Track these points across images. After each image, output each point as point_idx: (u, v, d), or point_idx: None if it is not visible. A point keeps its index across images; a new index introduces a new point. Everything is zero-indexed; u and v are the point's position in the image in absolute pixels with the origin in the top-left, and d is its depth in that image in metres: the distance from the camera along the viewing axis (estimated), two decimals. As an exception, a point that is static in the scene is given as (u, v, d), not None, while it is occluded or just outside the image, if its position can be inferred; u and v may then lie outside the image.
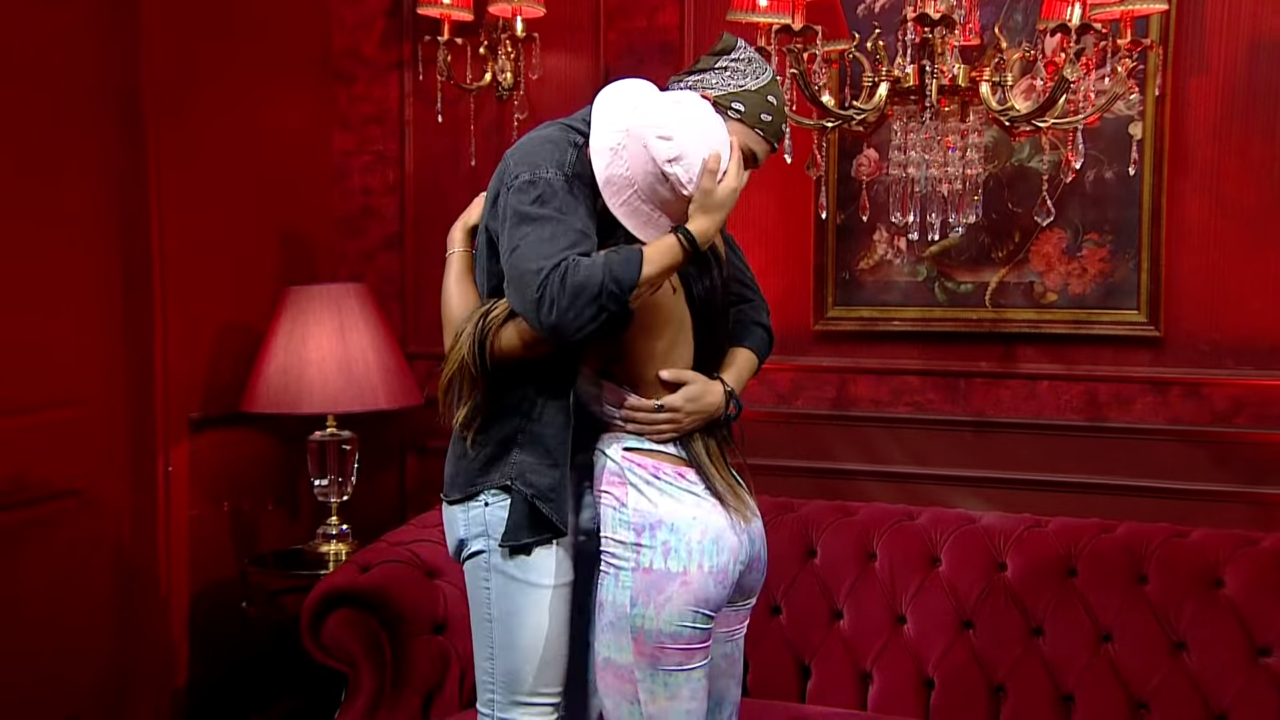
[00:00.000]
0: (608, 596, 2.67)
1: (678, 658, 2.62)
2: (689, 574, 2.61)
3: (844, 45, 3.39)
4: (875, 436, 4.16)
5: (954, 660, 3.63)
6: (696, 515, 2.64)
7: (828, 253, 4.15)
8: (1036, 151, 3.87)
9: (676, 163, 2.55)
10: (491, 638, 2.77)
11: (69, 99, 3.84)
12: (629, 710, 2.66)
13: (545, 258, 2.49)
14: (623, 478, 2.69)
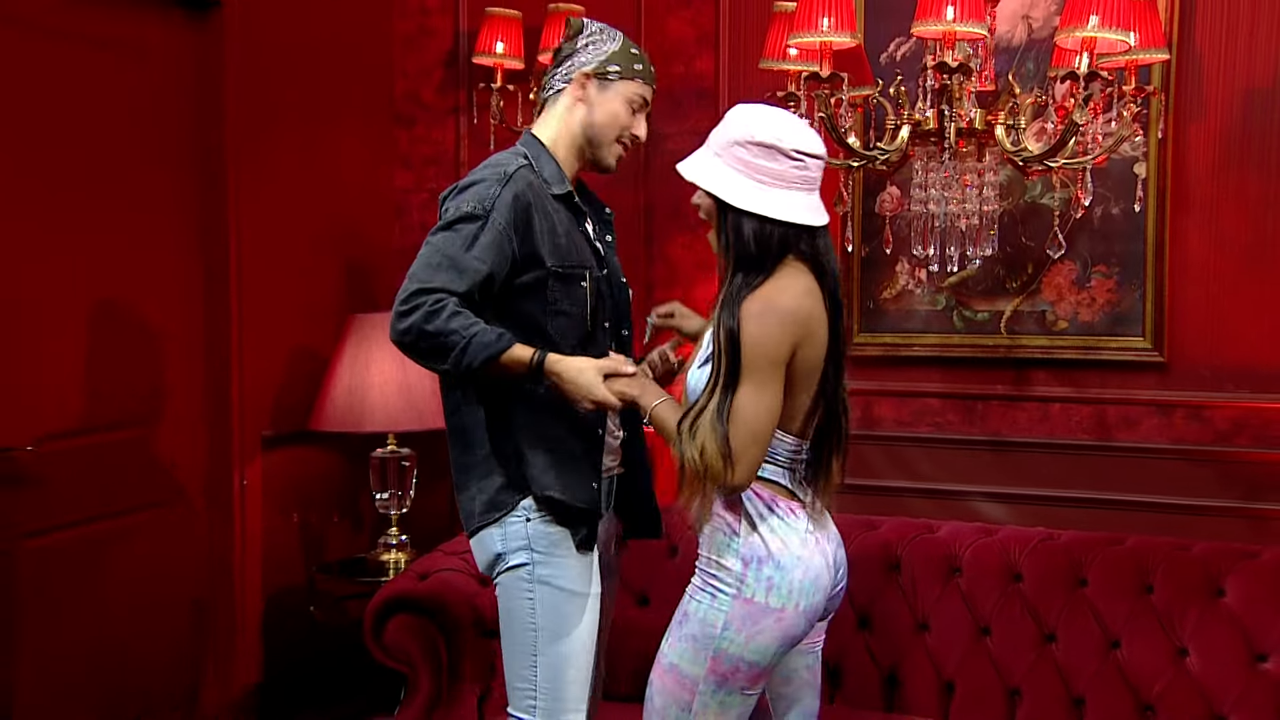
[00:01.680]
0: (698, 612, 2.62)
1: (745, 682, 2.60)
2: (785, 611, 2.57)
3: (868, 91, 3.42)
4: (898, 455, 4.17)
5: (972, 665, 3.63)
6: (801, 555, 2.58)
7: (853, 283, 4.17)
8: (1048, 189, 3.88)
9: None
10: (535, 647, 2.77)
11: (159, 144, 3.91)
12: (677, 715, 2.63)
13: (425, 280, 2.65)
14: (739, 506, 2.60)
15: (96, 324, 3.73)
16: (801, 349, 2.52)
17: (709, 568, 2.64)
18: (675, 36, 4.37)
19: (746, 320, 2.49)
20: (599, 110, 2.89)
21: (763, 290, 2.52)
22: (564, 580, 2.79)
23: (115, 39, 3.77)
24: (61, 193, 3.62)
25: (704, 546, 2.65)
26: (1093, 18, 2.83)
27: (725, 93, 4.29)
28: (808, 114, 3.28)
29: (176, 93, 3.96)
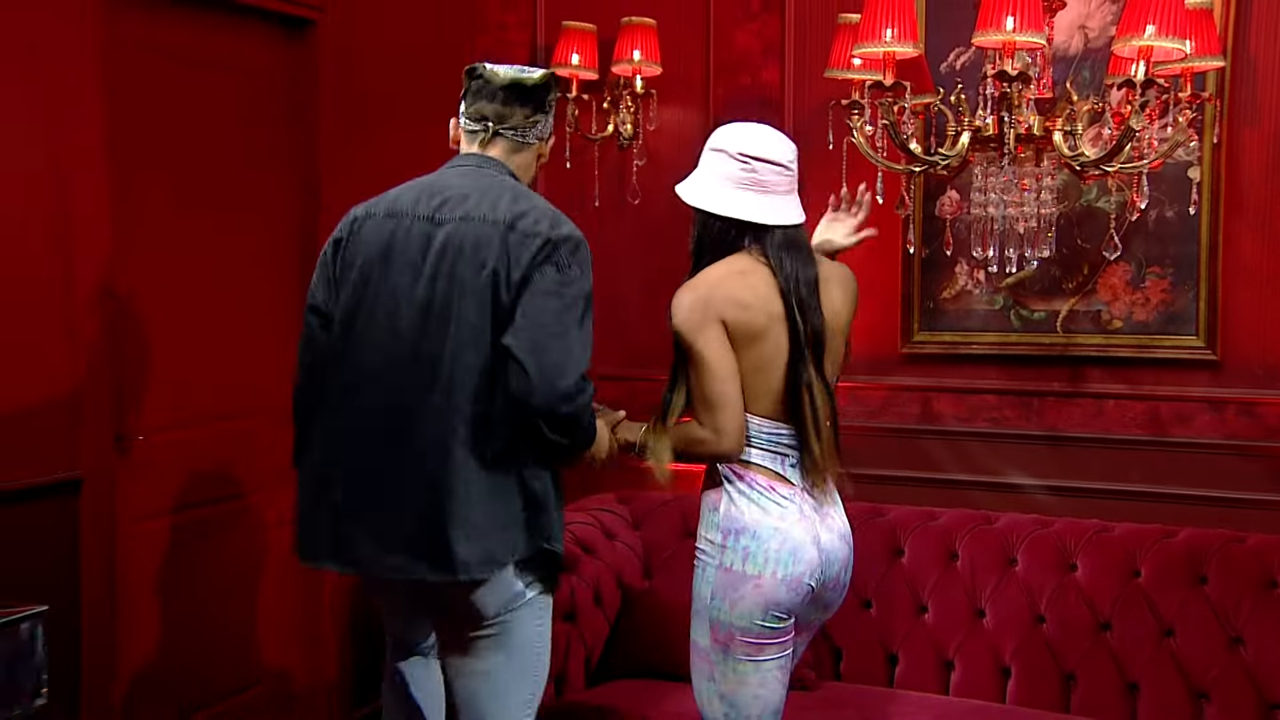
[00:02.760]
0: (695, 588, 2.73)
1: (746, 649, 2.66)
2: (762, 578, 2.62)
3: (930, 99, 3.41)
4: (956, 449, 4.15)
5: (1029, 651, 3.61)
6: (779, 526, 2.64)
7: (914, 283, 4.16)
8: (1103, 193, 3.86)
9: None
10: (539, 665, 2.74)
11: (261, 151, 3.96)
12: (707, 686, 2.73)
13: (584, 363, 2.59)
14: (720, 484, 2.72)
15: (205, 321, 3.79)
16: (730, 321, 2.63)
17: (699, 544, 2.76)
18: (742, 48, 4.37)
19: (671, 308, 2.67)
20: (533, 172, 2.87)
21: (690, 280, 2.71)
22: (554, 598, 2.79)
23: (225, 59, 3.85)
24: (180, 200, 3.70)
25: (699, 525, 2.78)
26: (1150, 27, 2.80)
27: (790, 102, 4.29)
28: (871, 121, 3.27)
29: (276, 103, 4.02)
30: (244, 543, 3.94)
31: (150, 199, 3.59)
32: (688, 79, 4.45)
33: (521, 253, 2.56)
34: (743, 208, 2.70)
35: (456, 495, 2.54)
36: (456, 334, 2.56)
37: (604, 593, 3.82)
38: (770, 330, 2.65)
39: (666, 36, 4.32)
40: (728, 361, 2.63)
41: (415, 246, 2.63)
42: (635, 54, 4.24)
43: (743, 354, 2.65)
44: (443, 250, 2.60)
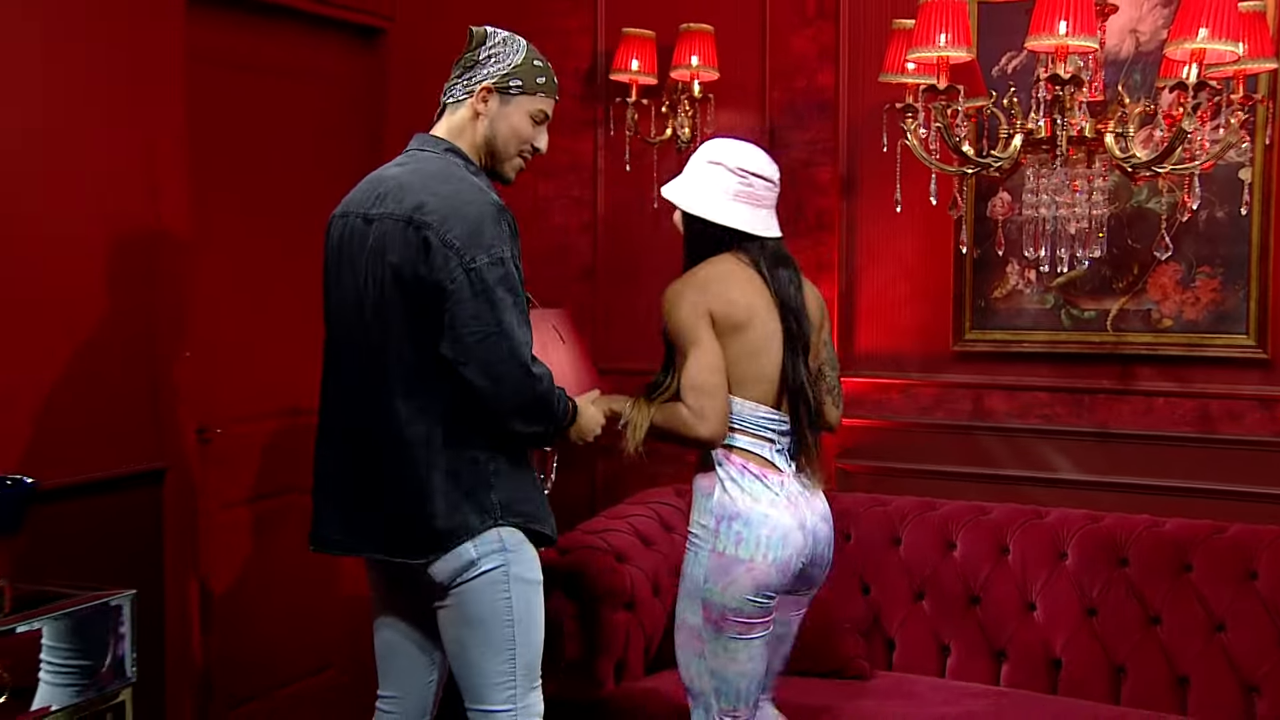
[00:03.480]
0: (687, 569, 2.87)
1: (738, 628, 2.79)
2: (754, 563, 2.76)
3: (982, 102, 3.41)
4: (1008, 445, 4.14)
5: (1079, 643, 3.60)
6: (769, 513, 2.78)
7: (965, 283, 4.16)
8: (1154, 194, 3.84)
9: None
10: (513, 639, 2.71)
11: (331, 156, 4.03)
12: (696, 663, 2.87)
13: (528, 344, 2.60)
14: (714, 471, 2.83)
15: (277, 319, 3.86)
16: (718, 312, 2.78)
17: (692, 528, 2.87)
18: (798, 52, 4.38)
19: (665, 301, 2.84)
20: (500, 124, 2.75)
21: (673, 282, 2.87)
22: (531, 572, 2.75)
23: (298, 68, 3.92)
24: (254, 202, 3.77)
25: (691, 512, 2.89)
26: (1202, 30, 2.79)
27: (845, 105, 4.31)
28: (925, 124, 3.28)
29: (347, 110, 4.09)
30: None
31: (227, 201, 3.67)
32: (744, 83, 4.47)
33: (418, 249, 2.58)
34: (738, 218, 2.87)
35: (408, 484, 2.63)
36: (388, 332, 2.63)
37: (662, 583, 3.85)
38: (753, 322, 2.82)
39: (724, 42, 4.35)
40: (715, 353, 2.78)
41: (357, 245, 2.69)
42: (693, 59, 4.26)
43: (730, 342, 2.80)
44: (373, 249, 2.65)
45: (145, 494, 3.33)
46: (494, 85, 2.73)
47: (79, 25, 3.14)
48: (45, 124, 3.08)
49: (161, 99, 3.34)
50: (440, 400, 2.62)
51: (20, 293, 3.01)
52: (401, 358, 2.63)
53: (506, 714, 2.74)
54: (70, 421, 3.13)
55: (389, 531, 2.68)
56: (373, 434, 2.67)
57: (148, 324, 3.33)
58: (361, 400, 2.69)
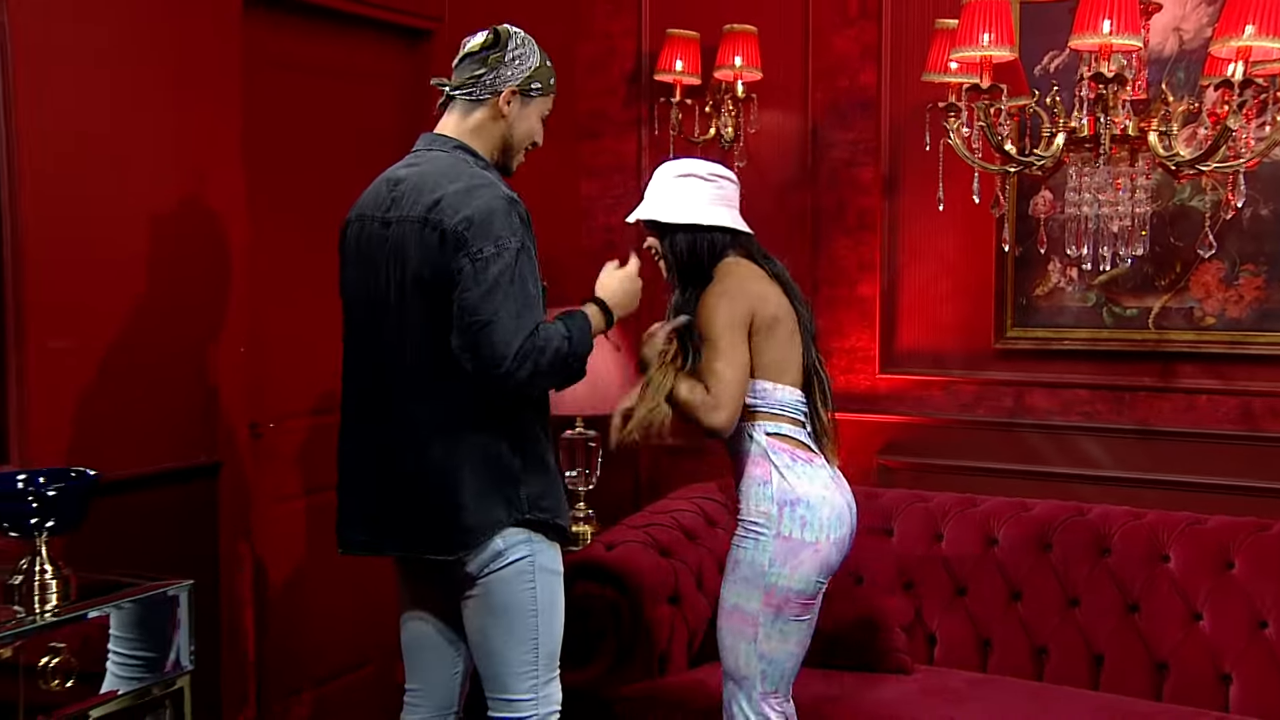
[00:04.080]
0: (745, 556, 2.89)
1: (798, 609, 2.88)
2: (820, 544, 2.85)
3: (1025, 101, 3.38)
4: (1049, 442, 4.11)
5: (1121, 639, 3.57)
6: (826, 495, 2.88)
7: (1007, 281, 4.13)
8: (1196, 192, 3.80)
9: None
10: (536, 629, 2.73)
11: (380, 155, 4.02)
12: (746, 648, 2.90)
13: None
14: (767, 459, 2.88)
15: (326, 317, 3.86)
16: (756, 313, 2.88)
17: (749, 517, 2.90)
18: (840, 52, 4.37)
19: (704, 306, 2.88)
20: (519, 125, 2.79)
21: (712, 287, 2.90)
22: (556, 562, 2.77)
23: (350, 69, 3.95)
24: (305, 201, 3.80)
25: (742, 503, 2.92)
26: (1249, 27, 2.75)
27: (887, 104, 4.29)
28: (968, 123, 3.26)
29: (396, 109, 4.11)
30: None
31: (279, 200, 3.70)
32: (787, 83, 4.46)
33: (436, 248, 2.59)
34: (725, 219, 2.97)
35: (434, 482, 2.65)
36: (407, 334, 2.66)
37: (705, 577, 3.85)
38: (781, 315, 2.92)
39: (767, 42, 4.34)
40: (745, 355, 2.87)
41: (375, 248, 2.71)
42: (736, 60, 4.26)
43: (769, 336, 2.90)
44: (391, 252, 2.67)
45: (201, 487, 3.36)
46: (518, 88, 2.76)
47: (140, 28, 3.18)
48: (109, 125, 3.11)
49: (218, 99, 3.38)
50: (462, 398, 2.63)
51: (84, 291, 3.05)
52: (422, 359, 2.65)
53: (528, 703, 2.77)
54: (130, 416, 3.17)
55: (417, 530, 2.70)
56: (394, 436, 2.69)
57: (203, 321, 3.37)
58: (380, 402, 2.72)
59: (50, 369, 2.96)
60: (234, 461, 3.44)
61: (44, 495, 2.58)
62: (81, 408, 3.04)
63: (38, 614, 2.51)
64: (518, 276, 2.56)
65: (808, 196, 4.45)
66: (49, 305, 2.96)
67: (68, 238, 3.01)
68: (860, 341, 4.38)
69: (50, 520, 2.58)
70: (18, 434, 2.90)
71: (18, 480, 2.68)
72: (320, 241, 3.84)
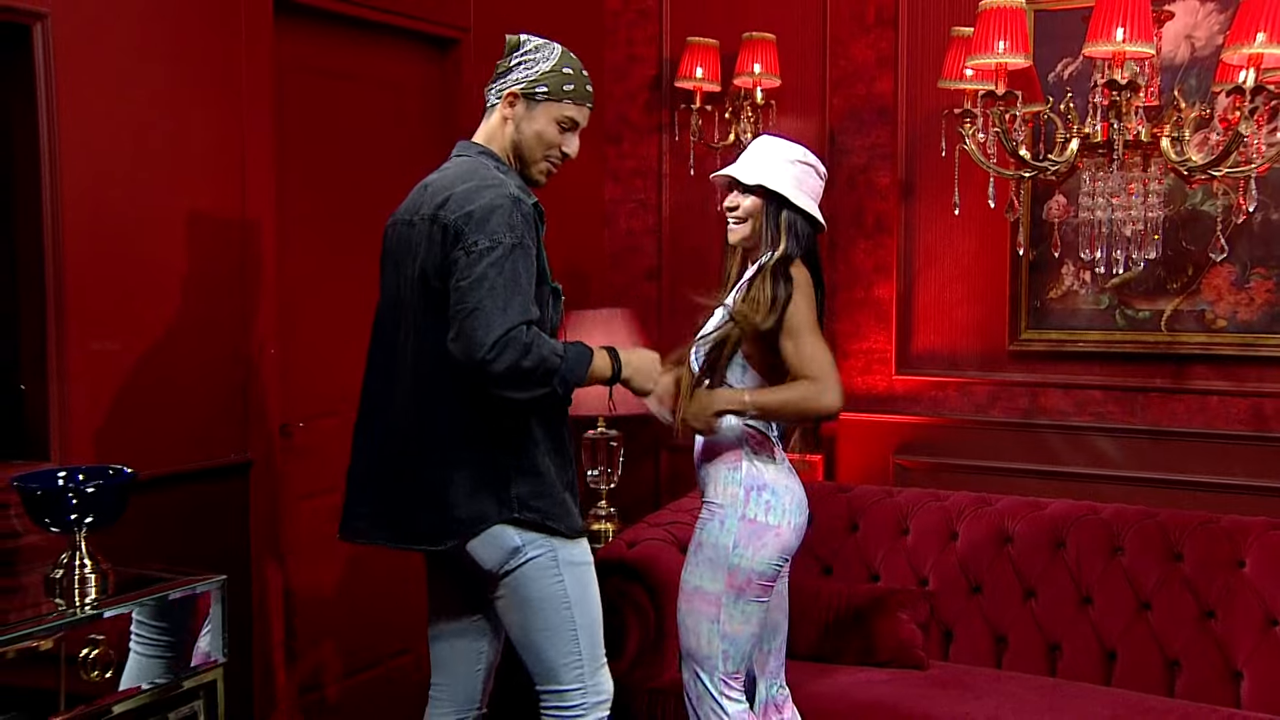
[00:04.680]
0: (709, 538, 2.95)
1: (758, 591, 2.93)
2: (781, 528, 2.92)
3: (1039, 107, 3.40)
4: (1062, 442, 4.12)
5: (1134, 637, 3.58)
6: (789, 484, 2.97)
7: (1021, 284, 4.14)
8: (1208, 196, 3.80)
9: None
10: (574, 621, 2.76)
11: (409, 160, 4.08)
12: (708, 628, 2.94)
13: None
14: (740, 447, 2.96)
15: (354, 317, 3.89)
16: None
17: (716, 499, 2.96)
18: (858, 59, 4.38)
19: (792, 311, 2.87)
20: (525, 128, 2.77)
21: (797, 274, 2.92)
22: (580, 555, 2.79)
23: (377, 76, 3.98)
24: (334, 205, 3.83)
25: (708, 487, 2.99)
26: (1260, 34, 2.76)
27: (904, 111, 4.30)
28: (983, 129, 3.27)
29: (422, 117, 4.14)
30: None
31: (310, 203, 3.73)
32: (805, 90, 4.48)
33: (439, 243, 2.64)
34: (820, 217, 3.04)
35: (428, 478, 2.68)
36: (411, 332, 2.71)
37: (725, 573, 3.87)
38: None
39: (785, 50, 4.36)
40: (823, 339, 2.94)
41: (402, 249, 2.75)
42: (755, 67, 4.28)
43: None
44: (411, 252, 2.72)
45: (233, 485, 3.40)
46: (520, 91, 2.77)
47: (174, 39, 3.21)
48: (146, 132, 3.15)
49: (250, 107, 3.41)
50: (459, 399, 2.65)
51: (122, 294, 3.09)
52: (423, 358, 2.68)
53: (576, 692, 2.79)
54: (165, 416, 3.21)
55: (408, 523, 2.73)
56: (395, 431, 2.73)
57: (235, 323, 3.40)
58: (386, 399, 2.76)
59: (90, 370, 3.00)
60: (265, 460, 3.48)
61: (83, 492, 2.62)
62: (119, 408, 3.08)
63: (78, 607, 2.55)
64: (508, 270, 2.56)
65: (826, 201, 4.41)
66: (89, 308, 3.00)
67: (106, 242, 3.04)
68: (877, 343, 4.39)
69: (89, 516, 2.61)
70: (59, 433, 2.94)
71: (58, 477, 2.71)
72: (348, 245, 3.89)
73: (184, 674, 2.71)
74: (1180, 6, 3.80)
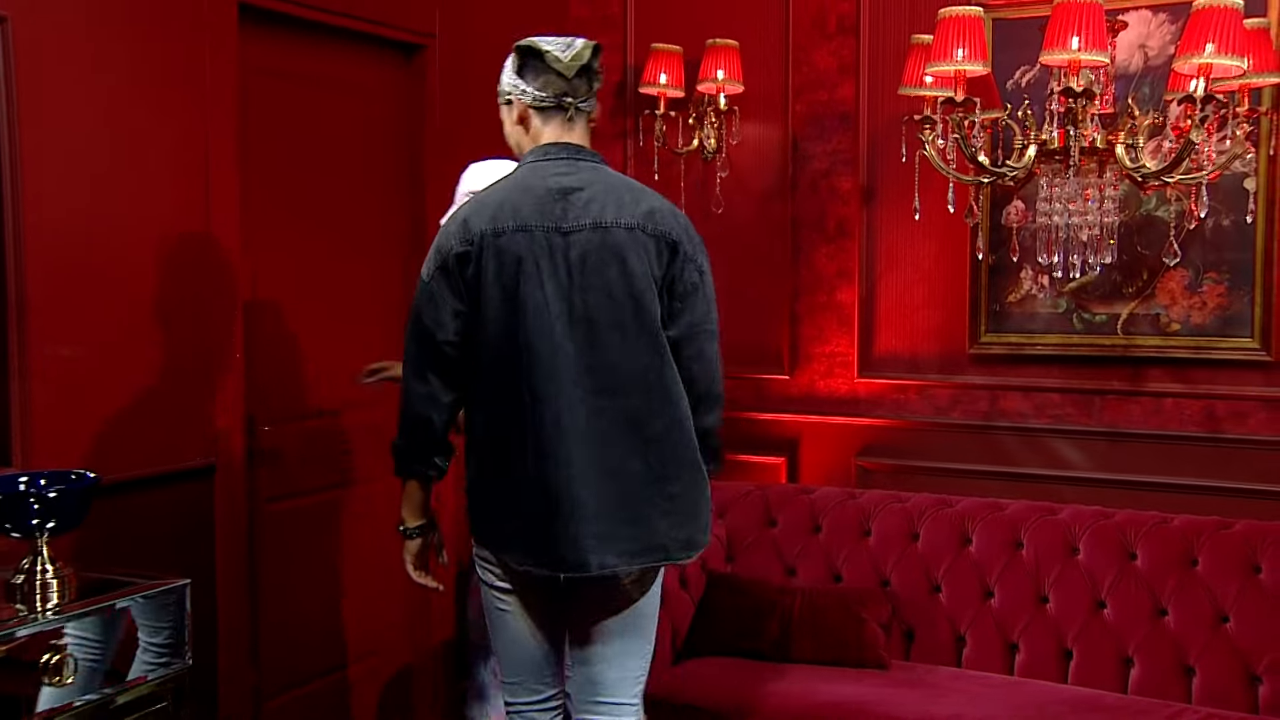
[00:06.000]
0: None
1: None
2: None
3: (997, 114, 3.41)
4: (1021, 444, 4.14)
5: (1090, 635, 3.60)
6: None
7: (981, 288, 4.16)
8: (1163, 202, 3.83)
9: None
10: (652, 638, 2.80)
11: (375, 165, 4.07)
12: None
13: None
14: None
15: (320, 322, 3.88)
16: None
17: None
18: (821, 67, 4.39)
19: None
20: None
21: None
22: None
23: (342, 82, 3.95)
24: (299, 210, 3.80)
25: None
26: (1209, 45, 2.79)
27: (865, 117, 4.31)
28: (943, 135, 3.29)
29: (388, 122, 4.12)
30: (359, 526, 4.03)
31: (273, 210, 3.70)
32: (768, 96, 4.48)
33: (664, 255, 2.60)
34: None
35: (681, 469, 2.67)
36: (621, 343, 2.57)
37: (689, 576, 3.87)
38: None
39: (748, 57, 4.36)
40: None
41: (554, 258, 2.55)
42: (719, 73, 4.28)
43: None
44: (582, 260, 2.55)
45: (197, 488, 3.36)
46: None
47: (138, 39, 3.18)
48: (109, 134, 3.11)
49: (215, 110, 3.38)
50: (671, 408, 2.67)
51: (84, 297, 3.05)
52: (637, 367, 2.66)
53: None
54: (129, 420, 3.17)
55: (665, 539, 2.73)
56: (652, 444, 2.69)
57: (200, 326, 3.37)
58: (597, 417, 2.70)
59: (52, 374, 2.96)
60: (229, 464, 3.45)
61: (45, 497, 2.59)
62: (81, 411, 3.05)
63: (39, 612, 2.52)
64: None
65: (788, 206, 4.47)
66: (50, 312, 2.96)
67: (68, 246, 3.01)
68: (839, 347, 4.40)
69: (51, 521, 2.58)
70: (20, 437, 2.90)
71: (20, 482, 2.68)
72: (317, 247, 3.86)
73: (149, 677, 2.69)
74: (1134, 16, 3.83)
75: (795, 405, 4.47)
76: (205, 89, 3.35)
